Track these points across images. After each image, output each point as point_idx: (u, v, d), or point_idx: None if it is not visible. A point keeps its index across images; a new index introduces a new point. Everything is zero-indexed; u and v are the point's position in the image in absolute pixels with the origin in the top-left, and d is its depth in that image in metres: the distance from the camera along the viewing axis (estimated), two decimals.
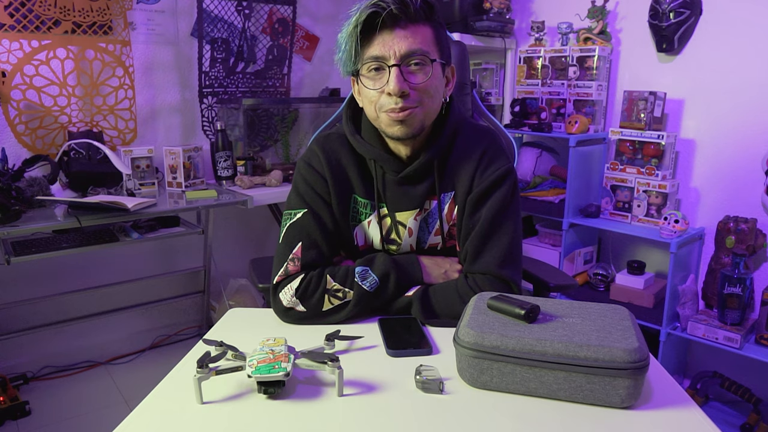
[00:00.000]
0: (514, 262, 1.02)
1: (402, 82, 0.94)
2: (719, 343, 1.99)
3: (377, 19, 0.93)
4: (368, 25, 0.94)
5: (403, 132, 0.99)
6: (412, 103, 0.97)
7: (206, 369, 0.75)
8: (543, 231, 2.63)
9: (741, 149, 2.13)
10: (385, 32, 0.94)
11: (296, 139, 2.89)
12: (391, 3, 0.92)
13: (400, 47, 0.94)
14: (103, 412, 2.11)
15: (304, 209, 1.05)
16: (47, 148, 2.21)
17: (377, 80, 0.97)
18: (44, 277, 2.34)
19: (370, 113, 1.01)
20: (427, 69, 0.97)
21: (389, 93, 0.95)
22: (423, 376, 0.77)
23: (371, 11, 0.92)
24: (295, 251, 1.03)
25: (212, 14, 2.53)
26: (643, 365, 0.71)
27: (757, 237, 2.05)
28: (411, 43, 0.94)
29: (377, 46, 0.95)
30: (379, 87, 0.97)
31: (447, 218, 1.07)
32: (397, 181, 1.05)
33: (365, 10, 0.93)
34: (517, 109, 2.53)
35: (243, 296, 2.65)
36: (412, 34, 0.95)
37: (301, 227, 1.04)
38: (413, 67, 0.96)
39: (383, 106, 0.97)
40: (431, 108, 1.00)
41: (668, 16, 2.15)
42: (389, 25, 0.94)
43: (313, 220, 1.04)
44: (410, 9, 0.94)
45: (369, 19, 0.93)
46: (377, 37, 0.95)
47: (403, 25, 0.94)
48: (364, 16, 0.93)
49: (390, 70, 0.95)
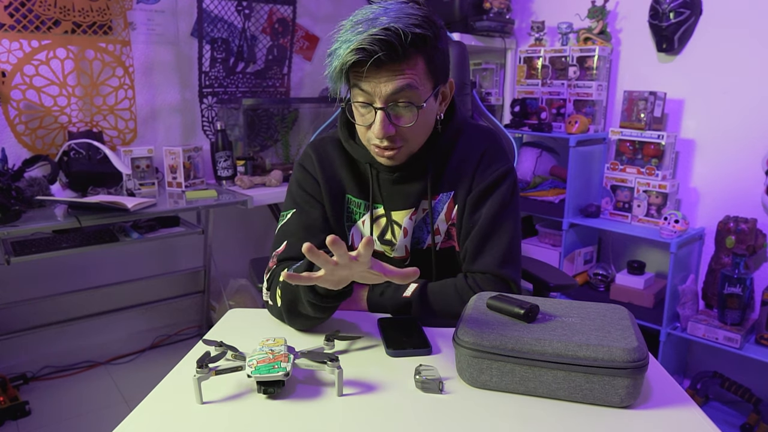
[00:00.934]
0: (513, 262, 1.02)
1: (387, 126, 0.93)
2: (719, 343, 1.99)
3: (364, 66, 0.88)
4: (356, 63, 0.89)
5: (390, 164, 1.00)
6: (398, 144, 0.96)
7: (206, 369, 0.75)
8: (543, 231, 2.63)
9: (741, 149, 2.13)
10: (372, 73, 0.90)
11: (296, 139, 2.89)
12: (378, 49, 0.86)
13: (387, 89, 0.90)
14: (103, 412, 2.11)
15: (293, 210, 1.07)
16: (47, 148, 2.22)
17: (366, 115, 0.96)
18: (44, 277, 2.34)
19: (362, 139, 1.01)
20: (414, 111, 0.94)
21: (374, 134, 0.94)
22: (423, 376, 0.77)
23: (356, 58, 0.87)
24: (278, 250, 1.04)
25: (212, 14, 2.53)
26: (643, 365, 0.71)
27: (757, 237, 2.05)
28: (397, 85, 0.90)
29: (364, 86, 0.91)
30: (367, 123, 0.96)
31: (446, 218, 1.07)
32: (392, 180, 1.06)
33: (350, 55, 0.87)
34: (517, 109, 2.53)
35: (243, 296, 2.65)
36: (399, 74, 0.90)
37: (288, 226, 1.06)
38: (400, 108, 0.93)
39: (371, 139, 0.97)
40: (418, 143, 1.00)
41: (668, 16, 2.15)
42: (376, 66, 0.89)
43: (299, 218, 1.05)
44: (398, 50, 0.87)
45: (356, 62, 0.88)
46: (365, 75, 0.90)
47: (389, 65, 0.89)
48: (349, 59, 0.87)
49: (376, 112, 0.93)
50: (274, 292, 0.98)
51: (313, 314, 0.90)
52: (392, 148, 0.96)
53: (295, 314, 0.93)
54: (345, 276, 0.77)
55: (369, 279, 0.78)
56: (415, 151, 1.01)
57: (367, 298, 1.03)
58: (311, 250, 0.69)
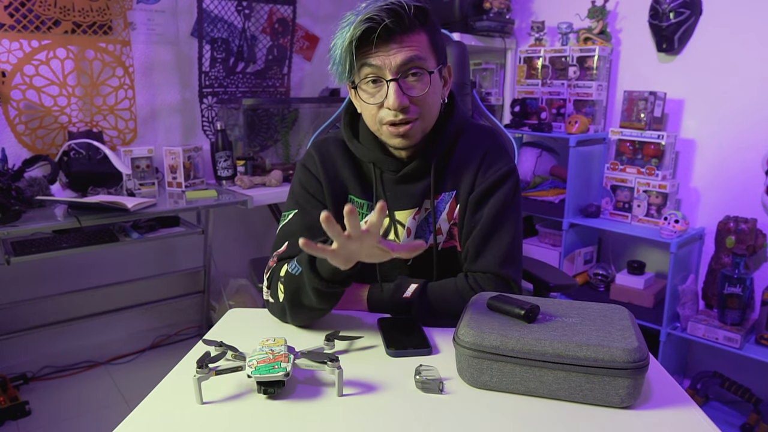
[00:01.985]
0: (514, 262, 1.03)
1: (401, 96, 0.94)
2: (719, 343, 1.99)
3: (373, 34, 0.91)
4: (363, 39, 0.92)
5: (405, 144, 1.00)
6: (413, 116, 0.97)
7: (206, 369, 0.75)
8: (543, 231, 2.63)
9: (741, 149, 2.13)
10: (381, 45, 0.93)
11: (296, 139, 2.89)
12: (386, 17, 0.90)
13: (396, 59, 0.93)
14: (103, 412, 2.11)
15: (295, 210, 1.07)
16: (47, 148, 2.22)
17: (375, 93, 0.97)
18: (44, 277, 2.34)
19: (371, 124, 1.02)
20: (425, 79, 0.96)
21: (389, 107, 0.95)
22: (423, 376, 0.77)
23: (366, 26, 0.90)
24: (280, 250, 1.04)
25: (212, 14, 2.53)
26: (643, 365, 0.71)
27: (757, 237, 2.05)
28: (407, 54, 0.93)
29: (373, 60, 0.93)
30: (378, 101, 0.96)
31: (448, 218, 1.07)
32: (395, 180, 1.06)
33: (359, 26, 0.90)
34: (517, 109, 2.53)
35: (243, 296, 2.65)
36: (407, 44, 0.93)
37: (289, 226, 1.06)
38: (411, 78, 0.95)
39: (383, 119, 0.97)
40: (431, 117, 1.01)
41: (668, 16, 2.15)
42: (384, 38, 0.92)
43: (301, 218, 1.05)
44: (405, 20, 0.92)
45: (364, 34, 0.91)
46: (373, 51, 0.93)
47: (397, 37, 0.92)
48: (359, 32, 0.90)
49: (388, 84, 0.94)
50: (275, 288, 0.98)
51: (317, 304, 0.91)
52: (407, 121, 0.97)
53: (298, 306, 0.94)
54: (355, 251, 0.79)
55: (377, 255, 0.81)
56: (428, 129, 1.02)
57: (367, 298, 1.03)
58: (328, 219, 0.73)
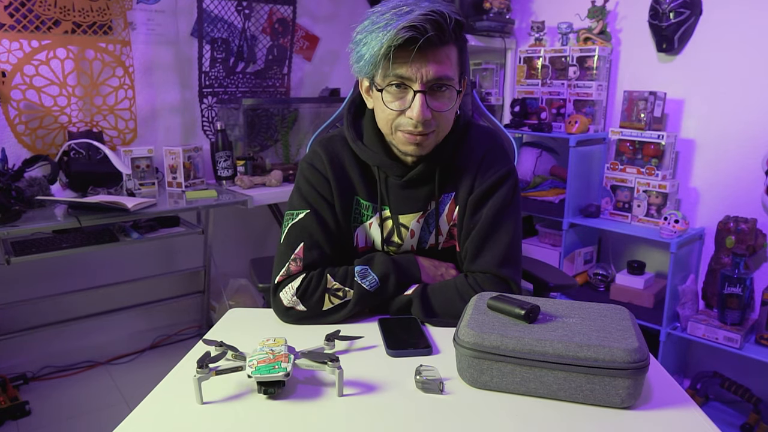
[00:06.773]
0: (514, 262, 1.03)
1: (426, 110, 0.93)
2: (719, 343, 1.99)
3: (413, 45, 0.88)
4: (402, 45, 0.89)
5: (418, 152, 1.00)
6: (431, 128, 0.97)
7: (206, 369, 0.75)
8: (543, 231, 2.63)
9: (741, 149, 2.12)
10: (417, 55, 0.90)
11: (296, 139, 2.89)
12: (430, 29, 0.88)
13: (429, 74, 0.92)
14: (103, 412, 2.11)
15: (306, 210, 1.05)
16: (47, 148, 2.21)
17: (398, 98, 0.95)
18: (44, 277, 2.34)
19: (384, 127, 1.00)
20: (451, 95, 0.96)
21: (411, 118, 0.94)
22: (423, 376, 0.77)
23: (409, 35, 0.87)
24: (297, 251, 1.03)
25: (212, 14, 2.53)
26: (643, 365, 0.70)
27: (757, 237, 2.05)
28: (439, 70, 0.92)
29: (405, 67, 0.91)
30: (400, 108, 0.95)
31: (448, 218, 1.07)
32: (400, 185, 1.05)
33: (402, 33, 0.87)
34: (517, 109, 2.53)
35: (243, 296, 2.65)
36: (441, 58, 0.92)
37: (303, 227, 1.04)
38: (439, 92, 0.95)
39: (401, 126, 0.97)
40: (446, 130, 1.01)
41: (668, 16, 2.15)
42: (422, 48, 0.90)
43: (315, 220, 1.04)
44: (446, 32, 0.91)
45: (404, 41, 0.88)
46: (408, 59, 0.91)
47: (434, 50, 0.91)
48: (400, 40, 0.87)
49: (415, 95, 0.93)
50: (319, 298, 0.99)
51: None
52: (424, 133, 0.96)
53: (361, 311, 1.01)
54: None
55: None
56: (440, 141, 1.02)
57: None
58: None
